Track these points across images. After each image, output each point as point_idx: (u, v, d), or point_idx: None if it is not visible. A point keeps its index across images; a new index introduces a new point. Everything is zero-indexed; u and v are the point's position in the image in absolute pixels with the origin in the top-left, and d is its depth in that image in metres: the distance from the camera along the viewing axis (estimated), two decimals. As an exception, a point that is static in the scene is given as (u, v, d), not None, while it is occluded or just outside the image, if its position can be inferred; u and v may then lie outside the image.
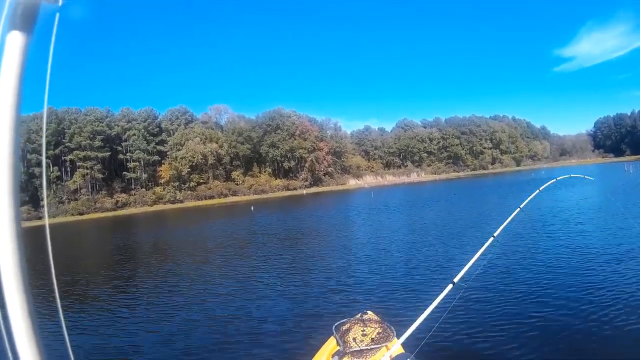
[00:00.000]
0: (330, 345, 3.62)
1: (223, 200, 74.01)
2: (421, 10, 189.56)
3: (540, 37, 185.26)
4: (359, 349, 3.36)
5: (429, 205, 26.59)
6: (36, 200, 59.83)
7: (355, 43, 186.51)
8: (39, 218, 54.15)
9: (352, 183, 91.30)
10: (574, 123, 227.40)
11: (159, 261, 14.55)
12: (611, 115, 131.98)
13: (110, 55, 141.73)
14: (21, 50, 0.96)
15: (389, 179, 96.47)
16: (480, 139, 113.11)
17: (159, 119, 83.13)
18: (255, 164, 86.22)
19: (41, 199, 58.89)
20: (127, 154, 77.59)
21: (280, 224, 23.71)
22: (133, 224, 40.71)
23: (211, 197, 75.98)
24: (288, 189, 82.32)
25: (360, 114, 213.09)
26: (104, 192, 72.75)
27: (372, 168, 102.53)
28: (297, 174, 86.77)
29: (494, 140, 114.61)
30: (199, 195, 76.41)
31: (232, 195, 77.91)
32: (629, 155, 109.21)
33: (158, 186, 77.40)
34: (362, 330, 3.67)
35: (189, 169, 77.02)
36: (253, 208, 41.69)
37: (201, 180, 78.55)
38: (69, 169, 72.66)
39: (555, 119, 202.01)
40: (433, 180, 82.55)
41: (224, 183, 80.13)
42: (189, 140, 78.20)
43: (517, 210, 4.58)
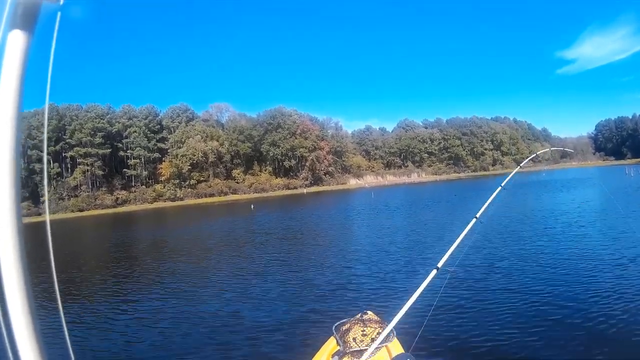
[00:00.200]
0: (330, 345, 3.62)
1: (223, 198, 74.04)
2: (423, 10, 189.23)
3: (543, 39, 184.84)
4: (359, 349, 3.35)
5: (429, 206, 26.55)
6: (36, 197, 59.83)
7: (357, 43, 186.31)
8: (39, 214, 54.13)
9: (353, 183, 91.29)
10: (575, 125, 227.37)
11: (159, 260, 14.53)
12: (612, 118, 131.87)
13: (111, 53, 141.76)
14: (22, 49, 0.97)
15: (390, 179, 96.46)
16: (481, 140, 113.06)
17: (160, 117, 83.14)
18: (255, 162, 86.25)
19: (41, 195, 58.90)
20: (128, 151, 77.63)
21: (280, 223, 23.69)
22: (133, 221, 40.72)
23: (211, 195, 76.02)
24: (288, 188, 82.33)
25: (361, 113, 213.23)
26: (104, 189, 72.81)
27: (373, 168, 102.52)
28: (298, 173, 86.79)
29: (495, 142, 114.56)
30: (199, 193, 76.45)
31: (233, 193, 77.95)
32: (629, 158, 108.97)
33: (158, 184, 77.50)
34: (362, 330, 3.65)
35: (189, 167, 77.06)
36: (253, 206, 41.66)
37: (201, 178, 78.62)
38: (69, 165, 72.70)
39: (556, 121, 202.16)
40: (433, 181, 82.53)
41: (225, 181, 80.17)
42: (189, 138, 78.23)
43: (499, 189, 4.63)
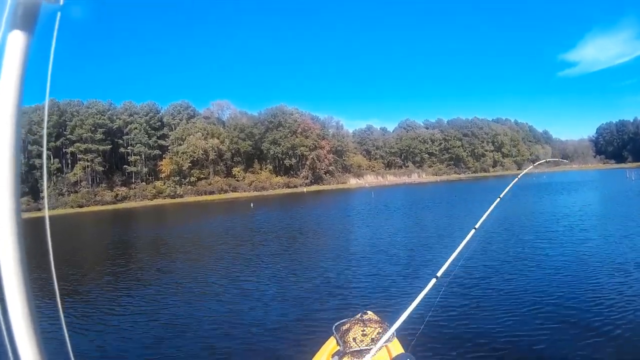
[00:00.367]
0: (330, 345, 3.61)
1: (223, 196, 74.04)
2: (426, 11, 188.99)
3: (545, 41, 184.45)
4: (359, 349, 3.34)
5: (429, 208, 26.52)
6: (36, 192, 59.83)
7: (359, 43, 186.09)
8: (39, 209, 54.12)
9: (353, 182, 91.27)
10: (576, 128, 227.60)
11: (157, 258, 14.50)
12: (614, 122, 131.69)
13: (112, 50, 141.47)
14: (22, 49, 0.97)
15: (390, 179, 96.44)
16: (482, 142, 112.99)
17: (161, 113, 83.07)
18: (256, 160, 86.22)
19: (41, 191, 58.91)
20: (128, 148, 77.58)
21: (280, 222, 23.66)
22: (132, 218, 40.71)
23: (211, 193, 76.01)
24: (288, 187, 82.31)
25: (362, 113, 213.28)
26: (104, 185, 72.78)
27: (373, 168, 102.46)
28: (298, 172, 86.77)
29: (496, 143, 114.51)
30: (199, 191, 76.45)
31: (232, 191, 77.93)
32: (630, 162, 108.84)
33: (158, 180, 77.45)
34: (362, 331, 3.65)
35: (189, 164, 77.04)
36: (253, 205, 41.65)
37: (202, 176, 78.60)
38: (69, 161, 72.67)
39: (557, 124, 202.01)
40: (434, 182, 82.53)
41: (225, 179, 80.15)
42: (190, 135, 78.18)
43: (498, 200, 4.64)
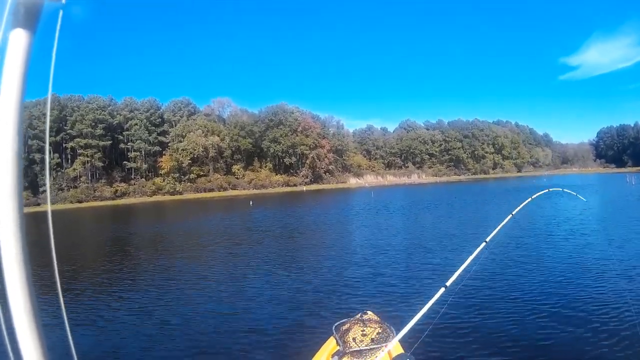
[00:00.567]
0: (330, 345, 3.58)
1: (222, 193, 74.03)
2: (427, 11, 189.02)
3: (547, 44, 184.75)
4: (358, 349, 3.32)
5: (429, 209, 26.50)
6: (35, 187, 59.79)
7: (360, 42, 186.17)
8: (38, 204, 54.07)
9: (353, 182, 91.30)
10: (576, 132, 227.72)
11: (155, 256, 14.47)
12: (614, 126, 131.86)
13: (114, 47, 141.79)
14: (25, 47, 0.97)
15: (390, 179, 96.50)
16: (483, 143, 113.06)
17: (161, 110, 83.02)
18: (256, 158, 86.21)
19: (40, 186, 58.88)
20: (128, 144, 77.53)
21: (278, 221, 23.63)
22: (131, 214, 40.67)
23: (211, 190, 76.00)
24: (288, 185, 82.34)
25: (363, 113, 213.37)
26: (103, 181, 72.73)
27: (373, 167, 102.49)
28: (298, 171, 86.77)
29: (496, 145, 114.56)
30: (198, 188, 76.43)
31: (232, 189, 77.93)
32: (630, 166, 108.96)
33: (158, 177, 77.41)
34: (362, 331, 3.63)
35: (189, 161, 77.02)
36: (252, 203, 41.62)
37: (201, 173, 78.58)
38: (69, 156, 72.61)
39: (558, 127, 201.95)
40: (434, 183, 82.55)
41: (224, 176, 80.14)
42: (190, 132, 78.14)
43: (509, 217, 4.60)
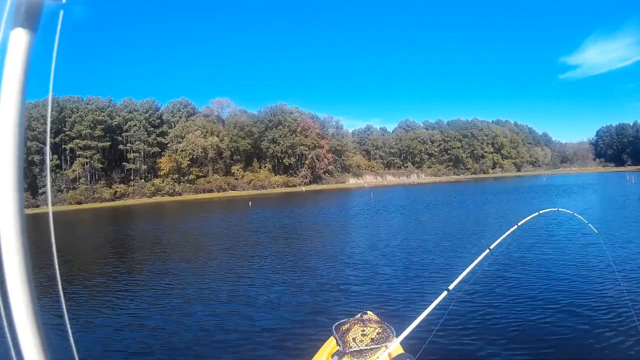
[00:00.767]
0: (330, 345, 3.56)
1: (221, 194, 74.00)
2: (427, 11, 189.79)
3: (547, 44, 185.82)
4: (358, 349, 3.29)
5: (428, 209, 26.47)
6: (34, 188, 59.74)
7: (360, 43, 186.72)
8: (37, 206, 54.04)
9: (352, 182, 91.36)
10: (576, 131, 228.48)
11: (154, 256, 14.41)
12: (613, 125, 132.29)
13: (113, 47, 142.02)
14: (25, 48, 0.97)
15: (389, 179, 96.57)
16: (482, 143, 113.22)
17: (160, 111, 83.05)
18: (255, 159, 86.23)
19: (39, 187, 58.83)
20: (128, 145, 77.50)
21: (278, 222, 23.59)
22: (131, 215, 40.60)
23: (210, 191, 75.98)
24: (287, 186, 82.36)
25: (362, 113, 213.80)
26: (102, 182, 72.68)
27: (373, 168, 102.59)
28: (297, 171, 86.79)
29: (496, 145, 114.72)
30: (197, 189, 76.39)
31: (231, 189, 77.92)
32: (629, 165, 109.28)
33: (157, 178, 77.39)
34: (362, 331, 3.59)
35: (188, 162, 77.00)
36: (251, 203, 41.57)
37: (200, 174, 78.56)
38: (68, 157, 72.58)
39: (557, 126, 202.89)
40: (433, 182, 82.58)
41: (223, 177, 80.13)
42: (189, 133, 78.13)
43: (515, 227, 4.56)
